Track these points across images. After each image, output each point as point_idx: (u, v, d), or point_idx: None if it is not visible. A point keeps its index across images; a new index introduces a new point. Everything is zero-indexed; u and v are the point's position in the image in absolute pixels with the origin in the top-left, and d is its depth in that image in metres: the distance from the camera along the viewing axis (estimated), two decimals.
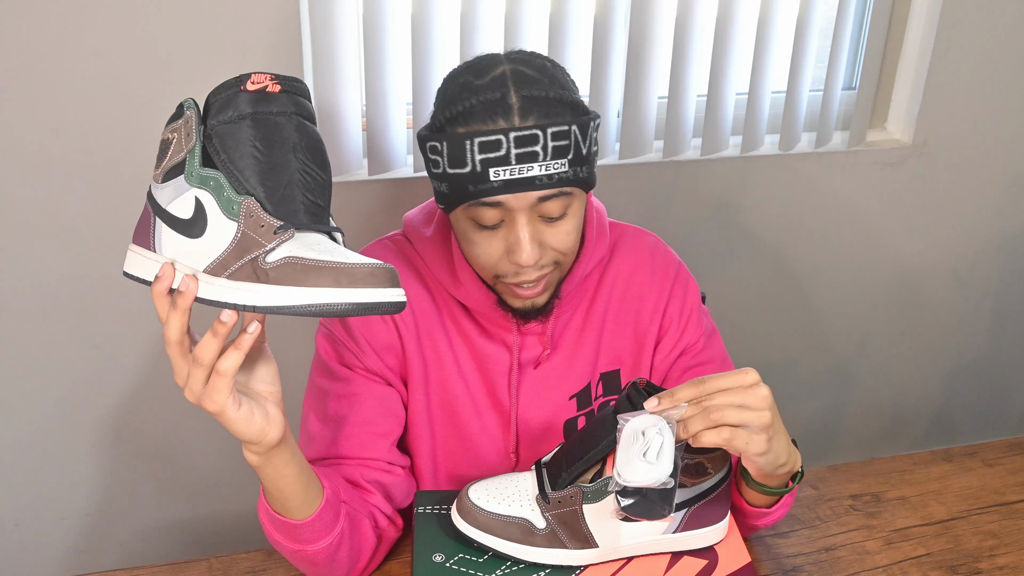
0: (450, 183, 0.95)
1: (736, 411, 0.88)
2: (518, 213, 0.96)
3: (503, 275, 1.01)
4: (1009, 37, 1.85)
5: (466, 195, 0.95)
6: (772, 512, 1.04)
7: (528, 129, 0.92)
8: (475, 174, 0.93)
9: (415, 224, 1.12)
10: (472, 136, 0.92)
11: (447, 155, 0.94)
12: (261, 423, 0.82)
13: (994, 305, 2.13)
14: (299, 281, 0.72)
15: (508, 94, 0.93)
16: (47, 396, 1.56)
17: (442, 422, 1.13)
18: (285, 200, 0.75)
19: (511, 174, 0.92)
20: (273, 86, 0.77)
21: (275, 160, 0.76)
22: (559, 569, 0.98)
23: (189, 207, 0.76)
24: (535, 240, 0.97)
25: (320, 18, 1.43)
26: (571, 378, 1.14)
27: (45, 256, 1.47)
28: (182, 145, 0.76)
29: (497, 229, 0.98)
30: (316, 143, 0.79)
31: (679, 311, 1.15)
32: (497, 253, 0.99)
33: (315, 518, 0.92)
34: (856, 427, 2.17)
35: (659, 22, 1.61)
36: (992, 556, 1.13)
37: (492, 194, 0.94)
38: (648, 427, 0.89)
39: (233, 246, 0.74)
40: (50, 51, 1.36)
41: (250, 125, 0.76)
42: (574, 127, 0.94)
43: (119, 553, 1.72)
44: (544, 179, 0.93)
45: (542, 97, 0.94)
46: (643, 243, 1.17)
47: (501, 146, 0.92)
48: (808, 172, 1.84)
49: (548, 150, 0.93)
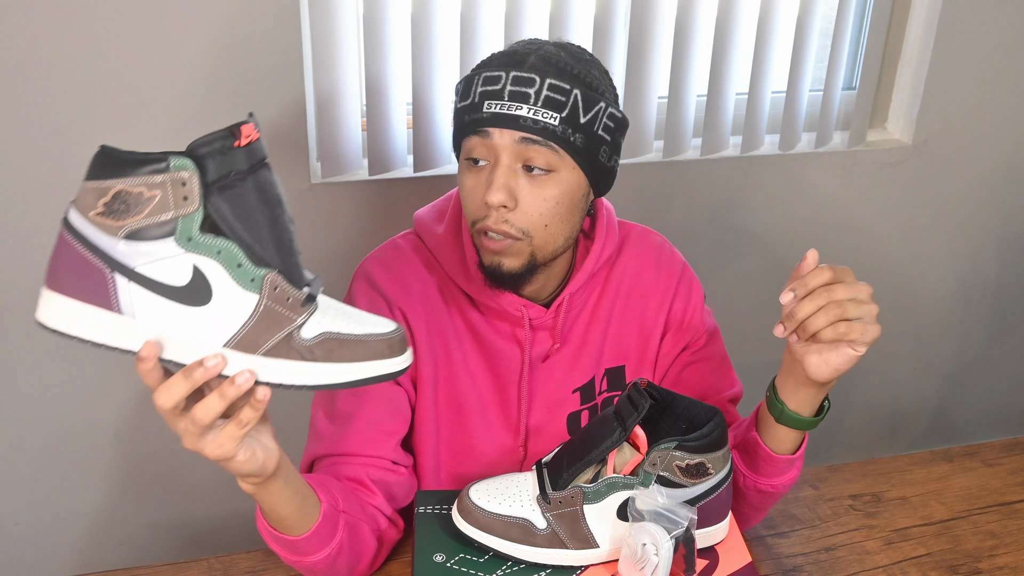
0: (456, 118, 1.04)
1: (855, 305, 0.90)
2: (501, 151, 0.99)
3: (478, 220, 1.03)
4: (1009, 37, 1.85)
5: (463, 126, 1.02)
6: (794, 463, 1.04)
7: (527, 73, 0.99)
8: (473, 105, 1.01)
9: (427, 222, 1.14)
10: (480, 72, 1.01)
11: (460, 91, 1.03)
12: (262, 459, 0.81)
13: (994, 305, 2.13)
14: (343, 357, 0.72)
15: (530, 54, 1.01)
16: (47, 396, 1.56)
17: (448, 421, 1.14)
18: (295, 267, 0.73)
19: (500, 108, 0.99)
20: (254, 134, 0.71)
21: (279, 224, 0.73)
22: (560, 569, 0.98)
23: (183, 274, 0.70)
24: (507, 186, 0.99)
25: (320, 18, 1.43)
26: (576, 373, 1.15)
27: (45, 256, 1.47)
28: (169, 205, 0.68)
29: (483, 169, 1.02)
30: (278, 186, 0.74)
31: (683, 309, 1.17)
32: (478, 196, 1.02)
33: (312, 533, 0.92)
34: (856, 427, 2.17)
35: (659, 22, 1.62)
36: (992, 556, 1.13)
37: (482, 125, 1.00)
38: (648, 542, 0.91)
39: (256, 320, 0.71)
40: (50, 51, 1.36)
41: (252, 188, 0.71)
42: (576, 91, 0.99)
43: (119, 553, 1.72)
44: (529, 122, 0.98)
45: (561, 64, 1.00)
46: (650, 242, 1.19)
47: (499, 81, 0.99)
48: (808, 172, 1.84)
49: (541, 97, 0.98)
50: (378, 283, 1.11)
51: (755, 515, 1.11)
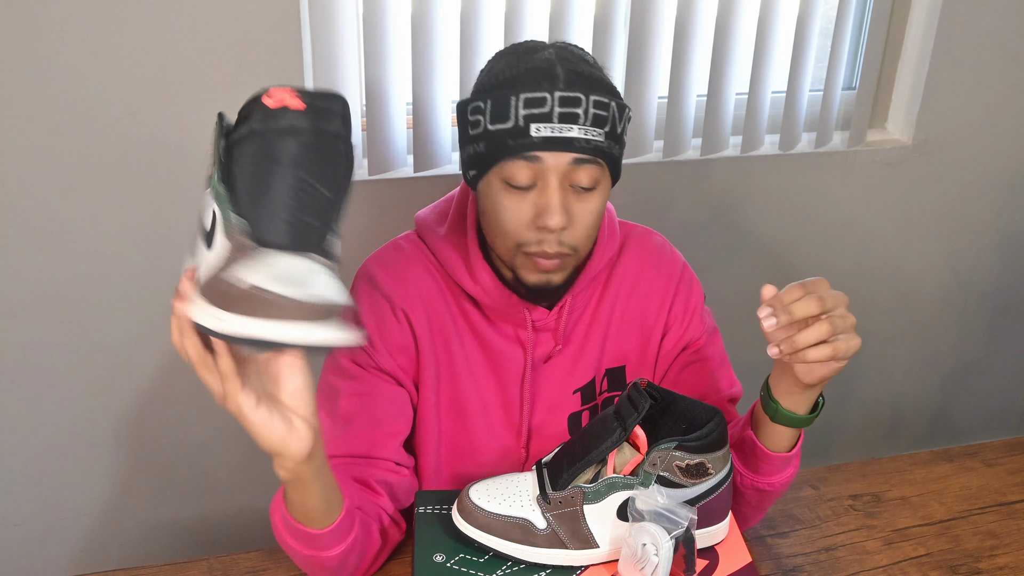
0: (489, 140, 0.98)
1: (840, 319, 0.91)
2: (551, 175, 0.98)
3: (526, 243, 1.01)
4: (1009, 37, 1.85)
5: (505, 150, 0.97)
6: (790, 461, 1.04)
7: (572, 92, 0.96)
8: (517, 128, 0.96)
9: (428, 223, 1.13)
10: (518, 93, 0.96)
11: (490, 111, 0.97)
12: (282, 432, 0.80)
13: (994, 305, 2.13)
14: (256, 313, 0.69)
15: (555, 66, 0.98)
16: (47, 396, 1.56)
17: (450, 422, 1.14)
18: (271, 222, 0.74)
19: (552, 131, 0.96)
20: (293, 101, 0.75)
21: (269, 180, 0.74)
22: (560, 569, 0.98)
23: (209, 219, 0.76)
24: (564, 207, 0.99)
25: (320, 18, 1.43)
26: (577, 373, 1.15)
27: (45, 256, 1.47)
28: (212, 158, 0.78)
29: (527, 193, 0.99)
30: (329, 160, 0.76)
31: (683, 310, 1.17)
32: (525, 218, 1.00)
33: (334, 528, 0.92)
34: (856, 427, 2.17)
35: (659, 22, 1.62)
36: (992, 556, 1.13)
37: (531, 149, 0.96)
38: (648, 542, 0.91)
39: (220, 264, 0.74)
40: (50, 52, 1.36)
41: (255, 142, 0.74)
42: (613, 104, 0.99)
43: (119, 553, 1.72)
44: (582, 142, 0.97)
45: (586, 73, 0.99)
46: (650, 243, 1.19)
47: (545, 103, 0.96)
48: (808, 172, 1.84)
49: (589, 115, 0.97)
50: (380, 284, 1.11)
51: (754, 514, 1.11)
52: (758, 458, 1.03)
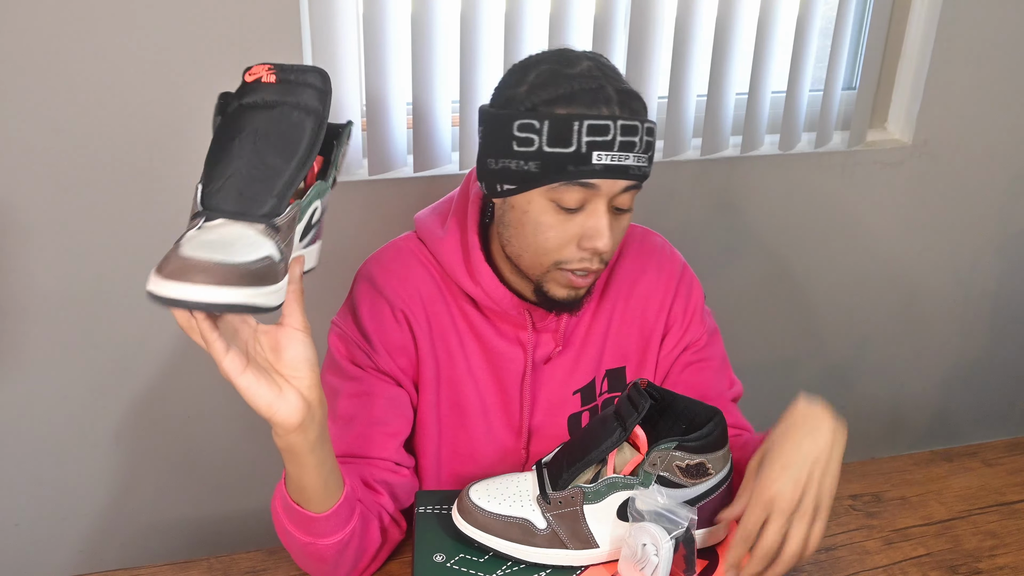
0: (546, 161, 0.97)
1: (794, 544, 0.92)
2: (602, 200, 0.99)
3: (566, 261, 1.02)
4: (1009, 37, 1.85)
5: (564, 174, 0.97)
6: None
7: (630, 120, 0.97)
8: (579, 155, 0.96)
9: (428, 225, 1.13)
10: (581, 119, 0.95)
11: (548, 134, 0.96)
12: (269, 398, 0.81)
13: (994, 305, 2.13)
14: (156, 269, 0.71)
15: (605, 86, 0.98)
16: (48, 396, 1.56)
17: (450, 422, 1.14)
18: (222, 191, 0.76)
19: (612, 160, 0.97)
20: (268, 75, 0.78)
21: (227, 150, 0.77)
22: (560, 569, 0.98)
23: None
24: (611, 230, 1.00)
25: (320, 18, 1.43)
26: (577, 374, 1.15)
27: (46, 257, 1.47)
28: None
29: (575, 214, 1.00)
30: (288, 132, 0.78)
31: (683, 310, 1.17)
32: (569, 238, 1.01)
33: (331, 513, 0.92)
34: (856, 427, 2.15)
35: (659, 22, 1.61)
36: (992, 556, 1.13)
37: (592, 176, 0.97)
38: (648, 542, 0.91)
39: None
40: (50, 51, 1.36)
41: (232, 116, 0.78)
42: (650, 126, 1.00)
43: (119, 553, 1.72)
44: (635, 170, 0.99)
45: (630, 91, 1.00)
46: (650, 244, 1.19)
47: (609, 131, 0.96)
48: (808, 172, 1.84)
49: (643, 143, 0.98)
50: (380, 285, 1.11)
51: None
52: None
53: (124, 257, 1.50)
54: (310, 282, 1.70)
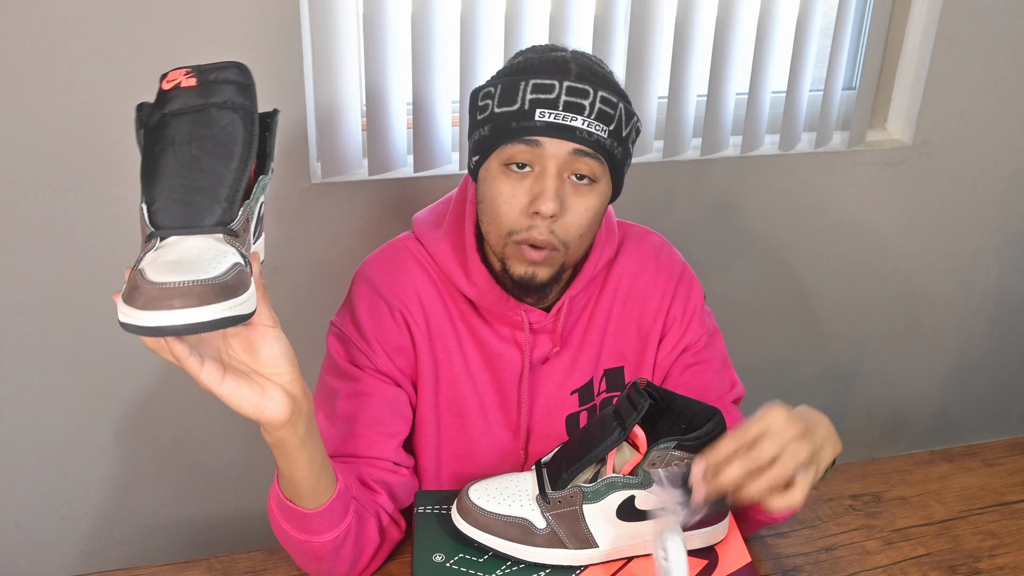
0: (495, 123, 1.00)
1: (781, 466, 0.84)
2: (550, 161, 0.98)
3: (516, 230, 1.01)
4: (1009, 37, 1.85)
5: (508, 132, 0.98)
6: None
7: (581, 84, 0.98)
8: (522, 111, 0.98)
9: (426, 225, 1.13)
10: (528, 79, 0.99)
11: (499, 96, 1.00)
12: (254, 400, 0.81)
13: (994, 305, 2.13)
14: (129, 300, 0.69)
15: (569, 62, 1.01)
16: (47, 396, 1.56)
17: (448, 423, 1.14)
18: (174, 204, 0.74)
19: (555, 118, 0.97)
20: (187, 79, 0.76)
21: (165, 162, 0.75)
22: (559, 569, 0.98)
23: None
24: (558, 196, 0.99)
25: (320, 18, 1.43)
26: (575, 374, 1.15)
27: (46, 256, 1.47)
28: None
29: (524, 178, 1.00)
30: (221, 133, 0.76)
31: (682, 310, 1.16)
32: (519, 204, 1.00)
33: (325, 509, 0.92)
34: (856, 427, 2.16)
35: (659, 22, 1.61)
36: (992, 556, 1.13)
37: (533, 133, 0.97)
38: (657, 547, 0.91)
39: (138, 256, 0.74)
40: (49, 51, 1.36)
41: (158, 128, 0.76)
42: (621, 106, 1.01)
43: (119, 553, 1.72)
44: (584, 133, 0.98)
45: (600, 73, 1.02)
46: (649, 243, 1.19)
47: (553, 90, 0.97)
48: (808, 172, 1.84)
49: (595, 109, 0.98)
50: (378, 286, 1.11)
51: (756, 528, 1.12)
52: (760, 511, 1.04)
53: (125, 257, 1.50)
54: (310, 282, 1.70)
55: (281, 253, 1.54)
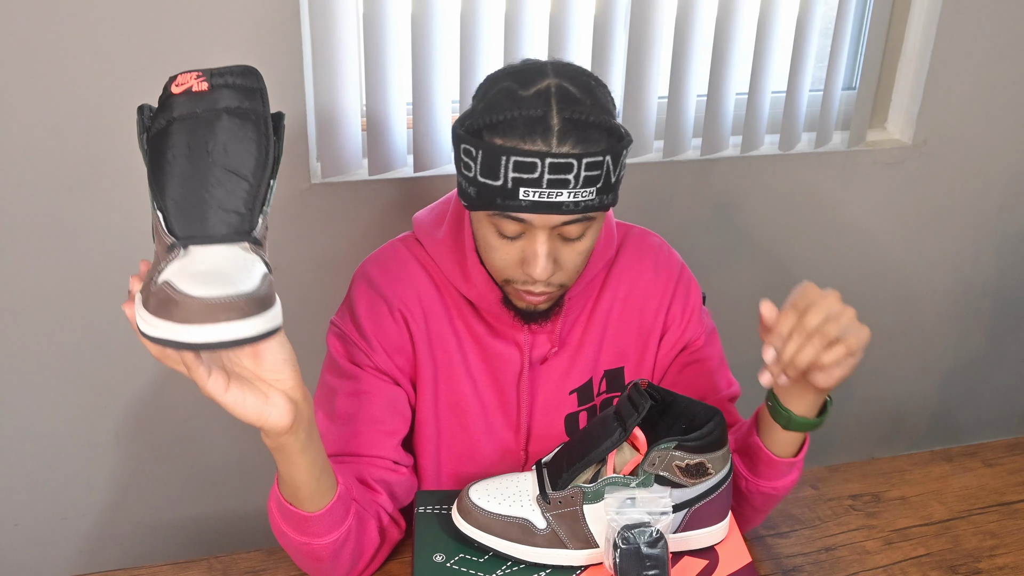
0: (479, 190, 0.97)
1: (834, 324, 0.91)
2: (539, 231, 0.98)
3: (513, 280, 1.03)
4: (1009, 37, 1.85)
5: (493, 206, 0.97)
6: (795, 465, 1.04)
7: (564, 157, 0.93)
8: (505, 189, 0.95)
9: (426, 225, 1.14)
10: (509, 153, 0.93)
11: (481, 164, 0.95)
12: (257, 408, 0.80)
13: (994, 305, 2.13)
14: (162, 313, 0.68)
15: (550, 114, 0.94)
16: (47, 396, 1.56)
17: (448, 422, 1.14)
18: (190, 213, 0.72)
19: (540, 196, 0.94)
20: (199, 84, 0.74)
21: (186, 169, 0.73)
22: (559, 569, 0.98)
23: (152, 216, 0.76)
24: (550, 257, 0.99)
25: (320, 18, 1.43)
26: (574, 374, 1.15)
27: (46, 256, 1.47)
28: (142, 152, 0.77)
29: (516, 240, 1.00)
30: (243, 141, 0.74)
31: (681, 310, 1.17)
32: (513, 261, 1.01)
33: (325, 512, 0.92)
34: (856, 427, 2.16)
35: (659, 22, 1.62)
36: (992, 556, 1.13)
37: (518, 211, 0.96)
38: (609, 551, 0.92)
39: (155, 263, 0.73)
40: (49, 51, 1.36)
41: (169, 133, 0.73)
42: (608, 157, 0.95)
43: (119, 553, 1.72)
44: (571, 205, 0.96)
45: (582, 121, 0.94)
46: (648, 244, 1.19)
47: (535, 169, 0.93)
48: (808, 172, 1.84)
49: (580, 179, 0.94)
50: (378, 285, 1.11)
51: (756, 516, 1.11)
52: (764, 463, 1.03)
53: (125, 257, 1.50)
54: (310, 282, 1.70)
55: (281, 253, 1.54)
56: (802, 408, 1.00)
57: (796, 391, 1.00)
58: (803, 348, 0.91)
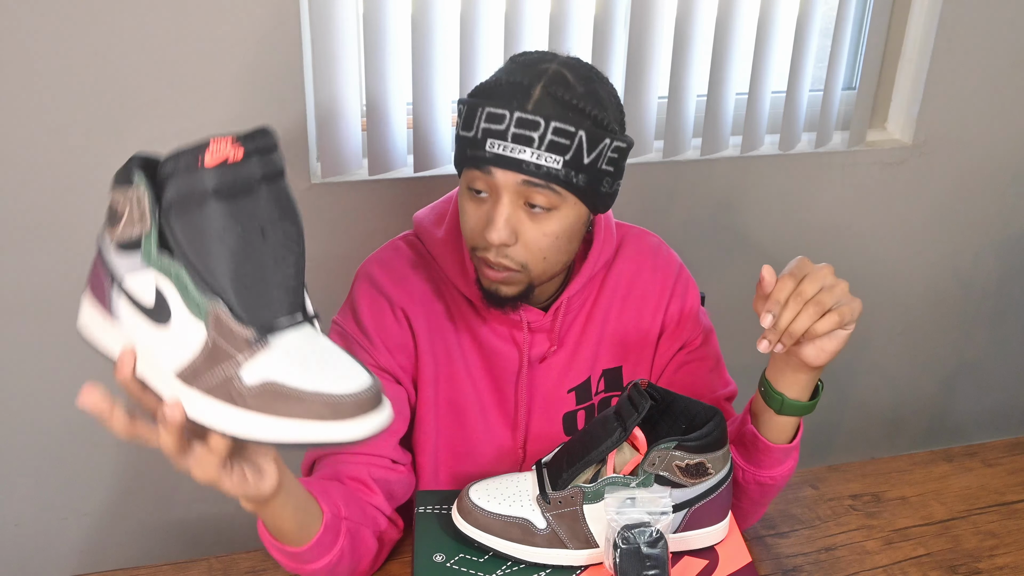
0: (460, 146, 1.02)
1: (828, 294, 0.93)
2: (503, 190, 0.99)
3: (476, 247, 1.03)
4: (1009, 37, 1.85)
5: (465, 159, 1.01)
6: (791, 452, 1.04)
7: (532, 115, 0.96)
8: (475, 140, 0.99)
9: (426, 224, 1.14)
10: (484, 105, 0.98)
11: (463, 119, 1.01)
12: (255, 483, 0.79)
13: (994, 305, 2.13)
14: (279, 411, 0.65)
15: (535, 86, 0.98)
16: (47, 396, 1.56)
17: (447, 420, 1.14)
18: (259, 298, 0.67)
19: (503, 149, 0.97)
20: (235, 152, 0.66)
21: (244, 250, 0.67)
22: (559, 569, 0.98)
23: (150, 292, 0.68)
24: (510, 223, 0.99)
25: (320, 18, 1.43)
26: (572, 373, 1.15)
27: (45, 256, 1.47)
28: (134, 220, 0.67)
29: (484, 200, 1.01)
30: (288, 206, 0.70)
31: (680, 310, 1.17)
32: (479, 225, 1.02)
33: (313, 544, 0.92)
34: (856, 427, 2.17)
35: (659, 22, 1.62)
36: (992, 556, 1.13)
37: (484, 163, 0.98)
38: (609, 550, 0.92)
39: (203, 353, 0.67)
40: (49, 51, 1.36)
41: (213, 210, 0.66)
42: (582, 134, 0.97)
43: (119, 553, 1.72)
44: (532, 166, 0.97)
45: (564, 100, 0.97)
46: (646, 244, 1.19)
47: (503, 120, 0.97)
48: (808, 172, 1.84)
49: (545, 141, 0.96)
50: (380, 284, 1.12)
51: (755, 511, 1.11)
52: (760, 451, 1.03)
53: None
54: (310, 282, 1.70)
55: None
56: (795, 391, 1.00)
57: (789, 373, 1.00)
58: (799, 316, 0.92)
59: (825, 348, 0.96)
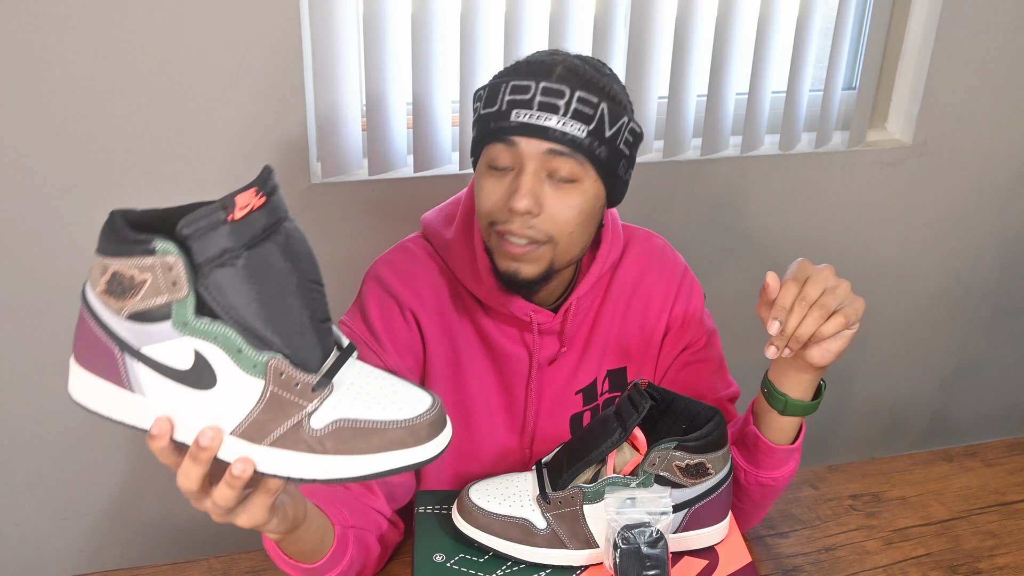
0: (480, 124, 1.03)
1: (831, 296, 0.93)
2: (528, 160, 0.99)
3: (497, 221, 1.02)
4: (1009, 37, 1.85)
5: (488, 133, 1.01)
6: (792, 454, 1.04)
7: (558, 84, 0.99)
8: (500, 112, 1.00)
9: (435, 226, 1.14)
10: (508, 80, 1.01)
11: (485, 98, 1.03)
12: (292, 514, 0.80)
13: (994, 305, 2.13)
14: (358, 448, 0.65)
15: (556, 65, 1.01)
16: (47, 396, 1.56)
17: (455, 422, 1.14)
18: (309, 341, 0.67)
19: (529, 118, 0.98)
20: (258, 201, 0.65)
21: (283, 300, 0.66)
22: (559, 569, 0.98)
23: (186, 358, 0.66)
24: (534, 192, 1.00)
25: (320, 18, 1.43)
26: (580, 375, 1.16)
27: (46, 256, 1.47)
28: (161, 289, 0.64)
29: (506, 175, 1.01)
30: (303, 240, 0.70)
31: (684, 311, 1.17)
32: (500, 199, 1.02)
33: (328, 559, 0.92)
34: (856, 427, 2.17)
35: (659, 22, 1.62)
36: (992, 556, 1.13)
37: (509, 133, 0.99)
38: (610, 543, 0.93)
39: (262, 407, 0.66)
40: (49, 51, 1.36)
41: (246, 266, 0.64)
42: (604, 105, 1.00)
43: (119, 553, 1.72)
44: (558, 133, 0.98)
45: (585, 74, 1.01)
46: (652, 246, 1.19)
47: (528, 91, 0.99)
48: (808, 172, 1.84)
49: (570, 109, 0.98)
50: (389, 286, 1.12)
51: (756, 512, 1.11)
52: (762, 452, 1.03)
53: None
54: None
55: None
56: (798, 391, 1.00)
57: (792, 373, 1.00)
58: (805, 320, 0.92)
59: (830, 349, 0.96)
